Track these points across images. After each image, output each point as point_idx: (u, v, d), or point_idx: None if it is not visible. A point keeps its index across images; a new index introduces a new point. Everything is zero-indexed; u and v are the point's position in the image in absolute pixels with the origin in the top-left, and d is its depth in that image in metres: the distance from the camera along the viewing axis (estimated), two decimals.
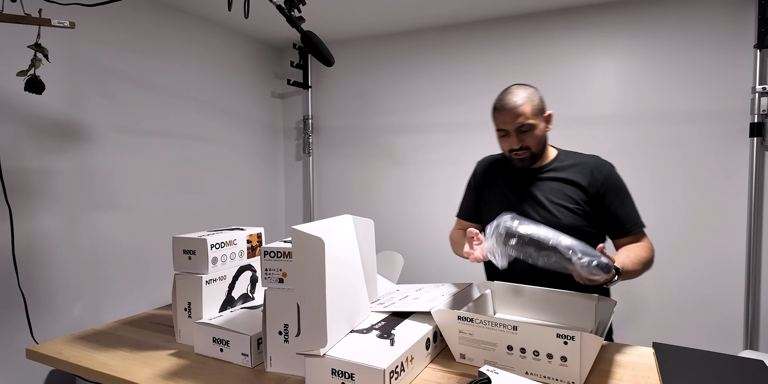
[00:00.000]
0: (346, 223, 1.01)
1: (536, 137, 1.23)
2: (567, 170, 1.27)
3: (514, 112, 1.20)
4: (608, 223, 1.23)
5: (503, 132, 1.25)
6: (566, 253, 0.93)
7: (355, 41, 2.71)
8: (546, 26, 2.25)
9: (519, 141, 1.22)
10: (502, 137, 1.27)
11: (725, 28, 1.94)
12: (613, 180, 1.24)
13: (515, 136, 1.22)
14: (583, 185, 1.23)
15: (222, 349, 0.97)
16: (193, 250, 1.05)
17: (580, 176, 1.24)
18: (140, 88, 2.03)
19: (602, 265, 0.91)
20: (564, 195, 1.24)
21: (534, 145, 1.24)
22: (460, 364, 0.95)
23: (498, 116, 1.25)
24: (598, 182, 1.23)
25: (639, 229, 1.22)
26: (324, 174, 2.88)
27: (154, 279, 2.07)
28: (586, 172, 1.24)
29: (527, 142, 1.23)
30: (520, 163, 1.27)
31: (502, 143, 1.28)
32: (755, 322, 1.92)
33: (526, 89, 1.24)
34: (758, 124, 1.88)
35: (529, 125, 1.21)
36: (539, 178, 1.29)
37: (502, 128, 1.25)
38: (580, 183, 1.24)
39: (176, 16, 2.19)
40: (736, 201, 1.95)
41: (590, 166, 1.25)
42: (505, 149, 1.28)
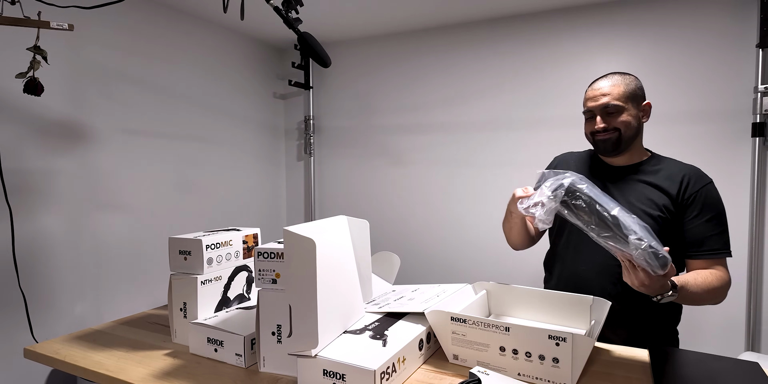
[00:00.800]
0: (340, 223, 1.01)
1: (625, 122, 1.14)
2: (657, 174, 1.18)
3: (601, 92, 1.15)
4: (685, 239, 1.13)
5: (589, 113, 1.19)
6: (624, 229, 0.82)
7: (356, 42, 2.71)
8: (547, 26, 2.24)
9: (603, 121, 1.15)
10: (588, 120, 1.20)
11: (727, 27, 1.93)
12: (707, 195, 1.13)
13: (601, 117, 1.16)
14: (672, 193, 1.14)
15: (216, 349, 0.98)
16: (188, 251, 1.06)
17: (671, 183, 1.15)
18: (142, 89, 2.05)
19: (659, 254, 0.82)
20: (647, 199, 1.15)
21: (624, 129, 1.14)
22: (453, 365, 0.95)
23: (586, 97, 1.20)
24: (689, 193, 1.13)
25: (718, 256, 1.11)
26: (325, 174, 2.88)
27: (155, 279, 2.09)
28: (679, 179, 1.15)
29: (615, 123, 1.14)
30: (603, 145, 1.17)
31: (587, 126, 1.21)
32: (757, 324, 1.90)
33: (624, 75, 1.18)
34: (760, 124, 1.86)
35: (616, 106, 1.14)
36: (624, 177, 1.21)
37: (589, 108, 1.18)
38: (668, 190, 1.14)
39: (176, 18, 2.20)
40: (739, 201, 1.93)
41: (687, 175, 1.16)
42: (588, 132, 1.21)
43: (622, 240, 0.83)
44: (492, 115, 2.39)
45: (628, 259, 0.87)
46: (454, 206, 2.51)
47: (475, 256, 2.45)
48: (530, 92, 2.29)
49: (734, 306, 1.95)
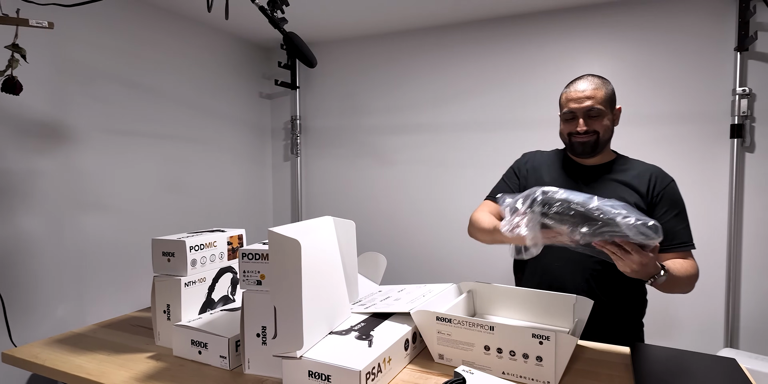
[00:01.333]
0: (326, 224, 1.01)
1: (604, 126, 1.19)
2: (626, 173, 1.23)
3: (585, 95, 1.17)
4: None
5: (570, 114, 1.20)
6: (611, 215, 0.82)
7: (342, 42, 2.71)
8: (533, 28, 2.26)
9: (586, 124, 1.18)
10: (567, 120, 1.22)
11: (707, 31, 1.97)
12: (672, 193, 1.20)
13: (583, 119, 1.18)
14: (642, 191, 1.19)
15: (200, 351, 0.97)
16: (172, 252, 1.05)
17: (640, 181, 1.21)
18: (125, 88, 2.02)
19: (649, 223, 0.82)
20: (620, 198, 1.17)
21: (603, 132, 1.19)
22: (439, 364, 0.95)
23: (567, 98, 1.21)
24: (657, 191, 1.19)
25: (688, 248, 1.18)
26: (312, 174, 2.87)
27: (138, 281, 2.06)
28: (647, 178, 1.21)
29: (595, 126, 1.19)
30: (582, 147, 1.21)
31: (566, 127, 1.23)
32: (735, 321, 1.95)
33: (601, 78, 1.21)
34: (738, 126, 1.90)
35: (599, 110, 1.17)
36: (596, 176, 1.25)
37: (571, 110, 1.20)
38: (638, 188, 1.20)
39: (161, 16, 2.18)
40: (718, 200, 1.98)
41: (653, 174, 1.22)
42: (566, 133, 1.23)
43: (614, 225, 0.83)
44: (477, 116, 2.40)
45: (618, 245, 0.87)
46: (440, 206, 2.52)
47: (461, 256, 2.46)
48: (516, 93, 2.31)
49: (713, 304, 1.99)
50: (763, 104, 1.89)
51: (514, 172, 1.38)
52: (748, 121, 1.91)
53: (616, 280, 1.15)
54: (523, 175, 1.35)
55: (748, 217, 1.93)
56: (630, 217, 0.82)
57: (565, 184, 1.25)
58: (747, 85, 1.90)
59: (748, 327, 1.94)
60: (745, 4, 1.85)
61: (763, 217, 1.91)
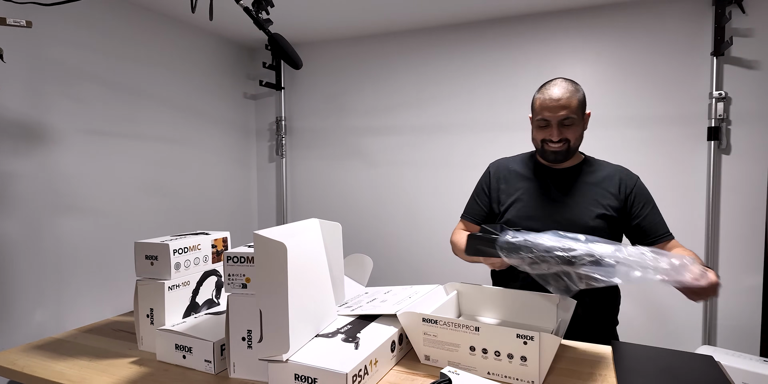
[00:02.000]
0: (312, 227, 1.01)
1: (576, 134, 1.22)
2: (595, 175, 1.27)
3: (560, 104, 1.18)
4: (637, 231, 1.23)
5: (544, 122, 1.22)
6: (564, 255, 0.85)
7: (328, 43, 2.71)
8: (517, 31, 2.29)
9: (559, 133, 1.20)
10: (541, 127, 1.23)
11: (685, 36, 2.02)
12: (642, 189, 1.26)
13: (556, 128, 1.20)
14: (613, 192, 1.24)
15: (185, 355, 0.96)
16: (155, 256, 1.03)
17: (610, 182, 1.25)
18: (106, 88, 1.98)
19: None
20: (593, 199, 1.24)
21: (574, 140, 1.22)
22: (425, 365, 0.96)
23: (542, 106, 1.21)
24: (628, 190, 1.24)
25: (672, 237, 1.23)
26: (297, 176, 2.86)
27: (120, 285, 2.03)
28: (617, 179, 1.25)
29: (567, 135, 1.21)
30: (554, 156, 1.24)
31: (539, 133, 1.24)
32: (712, 319, 2.00)
33: (573, 83, 1.22)
34: (715, 128, 1.95)
35: (572, 119, 1.19)
36: (567, 179, 1.28)
37: (544, 118, 1.21)
38: (609, 189, 1.24)
39: (143, 16, 2.15)
40: (696, 200, 2.03)
41: (620, 174, 1.27)
42: (539, 139, 1.25)
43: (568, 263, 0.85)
44: (462, 117, 2.42)
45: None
46: (426, 207, 2.53)
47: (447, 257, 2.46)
48: (499, 95, 2.34)
49: (692, 303, 2.04)
50: (739, 107, 1.95)
51: (483, 189, 1.41)
52: (725, 124, 1.96)
53: None
54: (494, 189, 1.37)
55: (724, 217, 1.99)
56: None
57: (538, 190, 1.29)
58: (723, 89, 1.95)
59: (725, 325, 1.99)
60: (721, 10, 1.90)
61: (738, 217, 1.97)
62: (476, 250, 1.01)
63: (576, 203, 1.24)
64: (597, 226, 1.21)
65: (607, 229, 1.23)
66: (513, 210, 1.31)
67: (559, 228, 1.17)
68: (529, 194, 1.30)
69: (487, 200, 1.39)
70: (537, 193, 1.29)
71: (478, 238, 1.00)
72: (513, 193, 1.33)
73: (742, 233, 1.96)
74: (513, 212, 1.30)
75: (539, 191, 1.29)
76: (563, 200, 1.25)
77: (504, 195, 1.34)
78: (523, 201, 1.30)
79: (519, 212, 1.29)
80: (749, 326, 1.96)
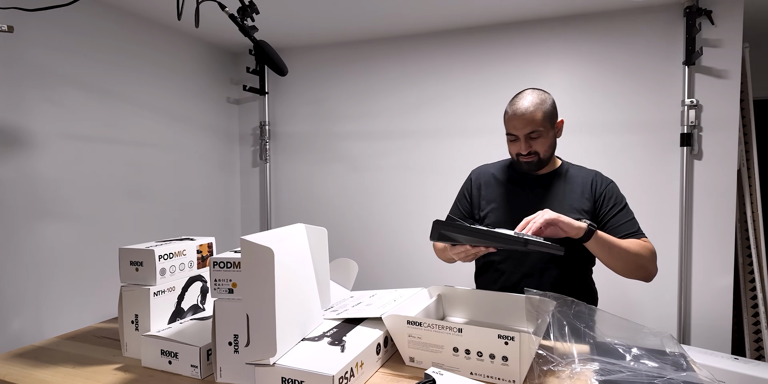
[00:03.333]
0: (298, 232, 1.02)
1: (545, 143, 1.26)
2: (572, 180, 1.32)
3: (525, 119, 1.22)
4: (609, 228, 1.27)
5: (513, 136, 1.27)
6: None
7: (313, 49, 2.72)
8: (498, 39, 2.35)
9: (527, 146, 1.25)
10: (511, 141, 1.29)
11: (659, 46, 2.09)
12: (614, 191, 1.31)
13: (524, 142, 1.25)
14: (587, 195, 1.29)
15: (171, 361, 0.96)
16: (140, 262, 1.03)
17: (585, 186, 1.30)
18: (87, 92, 1.96)
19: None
20: (567, 204, 1.29)
21: (543, 151, 1.27)
22: (410, 367, 0.98)
23: (509, 121, 1.27)
24: (600, 192, 1.29)
25: (642, 235, 1.27)
26: (281, 181, 2.86)
27: (103, 291, 2.00)
28: (590, 182, 1.31)
29: (536, 147, 1.26)
30: (527, 166, 1.29)
31: (511, 147, 1.31)
32: (687, 319, 2.06)
33: (540, 95, 1.26)
34: (687, 135, 2.03)
35: (538, 132, 1.23)
36: (544, 184, 1.33)
37: (513, 133, 1.27)
38: (584, 193, 1.30)
39: (126, 20, 2.13)
40: (670, 204, 2.10)
41: (595, 178, 1.32)
42: (513, 153, 1.31)
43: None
44: (447, 123, 2.46)
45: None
46: (410, 211, 2.56)
47: (431, 261, 2.49)
48: (482, 101, 2.39)
49: (667, 302, 2.10)
50: (709, 115, 2.02)
51: (464, 195, 1.47)
52: (696, 131, 2.04)
53: (563, 278, 1.28)
54: (475, 195, 1.43)
55: (697, 220, 2.06)
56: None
57: (516, 196, 1.35)
58: (695, 97, 2.03)
59: (699, 324, 2.06)
60: (692, 21, 1.98)
61: (710, 220, 2.04)
62: (440, 235, 1.09)
63: (552, 208, 1.27)
64: None
65: None
66: (492, 215, 1.36)
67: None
68: (506, 200, 1.35)
69: (468, 206, 1.45)
70: (514, 199, 1.35)
71: (442, 223, 1.08)
72: (492, 198, 1.38)
73: (713, 235, 2.04)
74: (492, 217, 1.35)
75: (517, 197, 1.35)
76: (540, 206, 1.29)
77: (484, 201, 1.40)
78: (501, 207, 1.35)
79: (497, 217, 1.34)
80: (721, 326, 2.03)
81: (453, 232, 1.08)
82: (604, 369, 0.89)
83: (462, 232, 1.07)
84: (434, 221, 1.10)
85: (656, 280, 2.09)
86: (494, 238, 1.04)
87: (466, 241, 1.08)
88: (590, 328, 0.99)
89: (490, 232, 1.05)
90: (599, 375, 0.87)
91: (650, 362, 0.90)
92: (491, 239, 1.05)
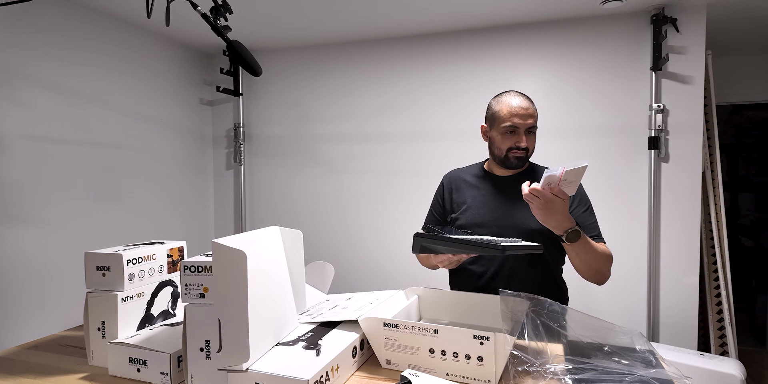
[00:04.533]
0: (272, 234, 1.01)
1: (534, 141, 1.30)
2: (539, 179, 1.33)
3: (528, 112, 1.26)
4: None
5: (512, 128, 1.27)
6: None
7: (288, 50, 2.70)
8: (473, 44, 2.37)
9: (526, 141, 1.28)
10: (509, 133, 1.28)
11: (627, 52, 2.16)
12: (580, 191, 1.33)
13: (524, 135, 1.27)
14: None
15: (139, 369, 0.93)
16: (107, 267, 1.00)
17: None
18: (53, 92, 1.90)
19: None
20: None
21: (532, 148, 1.31)
22: (386, 369, 0.97)
23: (511, 112, 1.27)
24: None
25: (602, 239, 1.30)
26: (256, 184, 2.82)
27: (67, 298, 1.93)
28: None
29: (529, 143, 1.29)
30: (516, 162, 1.31)
31: (506, 140, 1.29)
32: (656, 317, 2.12)
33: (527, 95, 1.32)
34: (655, 138, 2.09)
35: (535, 128, 1.29)
36: (513, 186, 1.33)
37: (514, 125, 1.27)
38: None
39: (94, 18, 2.07)
40: (638, 205, 2.16)
41: None
42: (506, 147, 1.30)
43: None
44: (424, 125, 2.47)
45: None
46: (386, 214, 2.56)
47: (408, 263, 2.50)
48: (457, 105, 2.41)
49: (636, 301, 2.16)
50: (675, 119, 2.09)
51: (438, 201, 1.49)
52: (663, 134, 2.10)
53: (535, 278, 1.31)
54: (447, 199, 1.45)
55: (664, 221, 2.12)
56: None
57: (486, 197, 1.37)
58: (661, 102, 2.10)
59: (667, 322, 2.12)
60: (658, 29, 2.04)
61: (677, 221, 2.11)
62: (421, 247, 1.11)
63: (520, 208, 1.30)
64: (538, 229, 1.28)
65: (547, 232, 1.29)
66: (463, 217, 1.38)
67: (504, 232, 1.27)
68: (477, 202, 1.37)
69: (442, 211, 1.47)
70: (485, 200, 1.37)
71: (422, 236, 1.10)
72: (463, 200, 1.40)
73: (679, 236, 2.10)
74: (463, 219, 1.37)
75: (486, 198, 1.37)
76: (509, 206, 1.32)
77: (456, 204, 1.42)
78: (472, 208, 1.37)
79: (468, 219, 1.36)
80: (688, 323, 2.09)
81: (433, 243, 1.10)
82: (577, 368, 0.91)
83: (442, 243, 1.09)
84: (415, 234, 1.11)
85: (626, 280, 2.16)
86: (473, 246, 1.06)
87: (446, 251, 1.11)
88: (563, 328, 1.00)
89: (468, 241, 1.07)
90: (572, 374, 0.89)
91: (621, 360, 0.92)
92: (470, 248, 1.06)
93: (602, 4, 2.01)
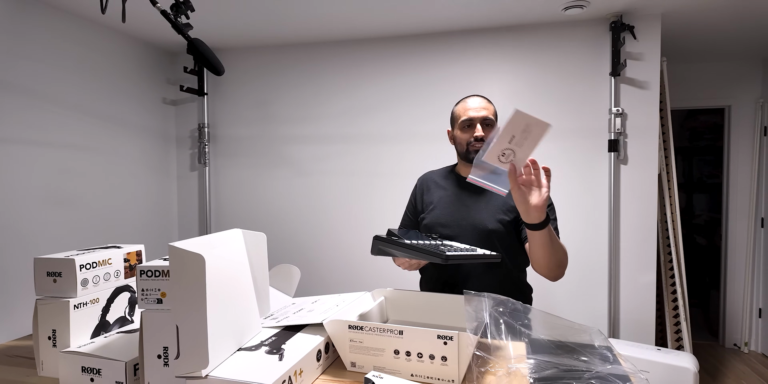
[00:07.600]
0: (234, 237, 0.98)
1: None
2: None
3: (481, 106, 1.32)
4: (523, 229, 1.31)
5: (468, 122, 1.33)
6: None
7: (254, 50, 2.66)
8: (440, 47, 2.40)
9: (482, 130, 1.31)
10: (467, 127, 1.33)
11: (588, 57, 2.23)
12: None
13: (480, 126, 1.31)
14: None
15: (93, 378, 0.89)
16: (58, 272, 0.95)
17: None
18: (5, 91, 1.80)
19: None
20: (495, 205, 1.34)
21: None
22: (351, 372, 0.96)
23: (465, 109, 1.34)
24: None
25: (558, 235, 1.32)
26: (221, 185, 2.76)
27: (15, 306, 1.83)
28: None
29: (487, 134, 1.32)
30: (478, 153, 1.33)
31: (465, 134, 1.34)
32: (616, 314, 2.19)
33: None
34: (614, 141, 2.17)
35: (492, 121, 1.33)
36: (478, 187, 1.35)
37: (470, 117, 1.32)
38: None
39: (50, 14, 1.98)
40: (599, 206, 2.23)
41: None
42: (465, 140, 1.34)
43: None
44: (391, 127, 2.48)
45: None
46: (353, 216, 2.55)
47: (376, 265, 2.50)
48: (424, 107, 2.43)
49: (597, 299, 2.23)
50: (633, 122, 2.17)
51: (411, 202, 1.53)
52: (622, 137, 2.18)
53: (500, 279, 1.33)
54: (419, 201, 1.49)
55: (624, 220, 2.20)
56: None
57: (451, 198, 1.40)
58: (620, 106, 2.17)
59: (627, 319, 2.19)
60: (617, 35, 2.12)
61: (636, 221, 2.18)
62: (378, 250, 1.13)
63: (481, 209, 1.34)
64: (495, 229, 1.31)
65: (505, 232, 1.33)
66: (429, 217, 1.41)
67: (464, 232, 1.31)
68: (443, 202, 1.41)
69: (414, 211, 1.50)
70: (450, 201, 1.40)
71: (380, 239, 1.12)
72: (431, 201, 1.44)
73: (638, 235, 2.18)
74: (428, 219, 1.41)
75: (452, 199, 1.40)
76: (471, 207, 1.35)
77: (425, 205, 1.46)
78: (438, 208, 1.41)
79: (432, 219, 1.40)
80: (645, 319, 2.17)
81: (388, 247, 1.12)
82: (538, 366, 0.93)
83: (394, 247, 1.11)
84: (374, 237, 1.13)
85: (588, 279, 2.23)
86: (419, 252, 1.08)
87: (399, 255, 1.13)
88: (526, 327, 1.02)
89: (416, 246, 1.09)
90: (534, 372, 0.90)
91: (581, 357, 0.94)
92: (417, 253, 1.08)
93: (564, 10, 2.07)
